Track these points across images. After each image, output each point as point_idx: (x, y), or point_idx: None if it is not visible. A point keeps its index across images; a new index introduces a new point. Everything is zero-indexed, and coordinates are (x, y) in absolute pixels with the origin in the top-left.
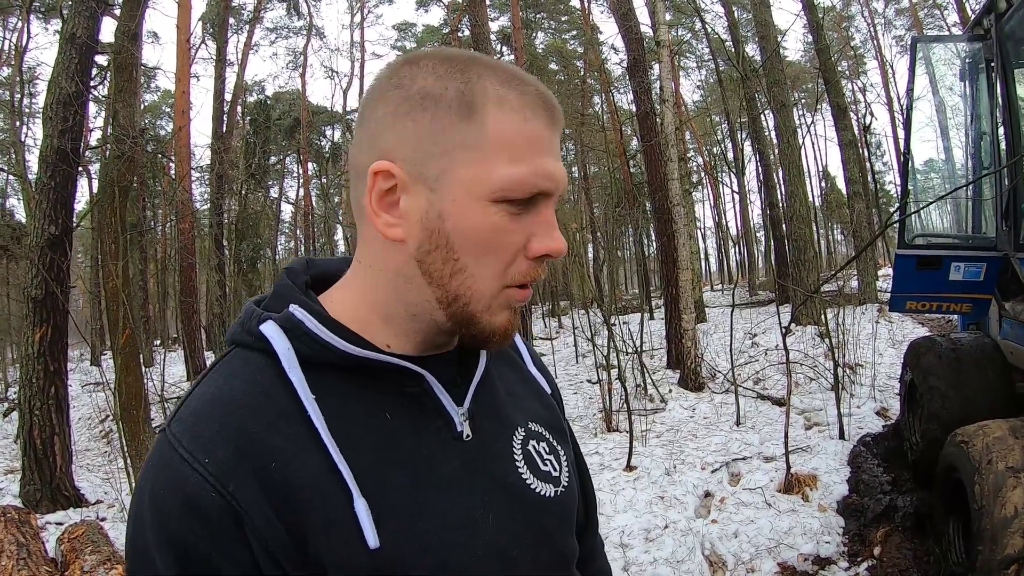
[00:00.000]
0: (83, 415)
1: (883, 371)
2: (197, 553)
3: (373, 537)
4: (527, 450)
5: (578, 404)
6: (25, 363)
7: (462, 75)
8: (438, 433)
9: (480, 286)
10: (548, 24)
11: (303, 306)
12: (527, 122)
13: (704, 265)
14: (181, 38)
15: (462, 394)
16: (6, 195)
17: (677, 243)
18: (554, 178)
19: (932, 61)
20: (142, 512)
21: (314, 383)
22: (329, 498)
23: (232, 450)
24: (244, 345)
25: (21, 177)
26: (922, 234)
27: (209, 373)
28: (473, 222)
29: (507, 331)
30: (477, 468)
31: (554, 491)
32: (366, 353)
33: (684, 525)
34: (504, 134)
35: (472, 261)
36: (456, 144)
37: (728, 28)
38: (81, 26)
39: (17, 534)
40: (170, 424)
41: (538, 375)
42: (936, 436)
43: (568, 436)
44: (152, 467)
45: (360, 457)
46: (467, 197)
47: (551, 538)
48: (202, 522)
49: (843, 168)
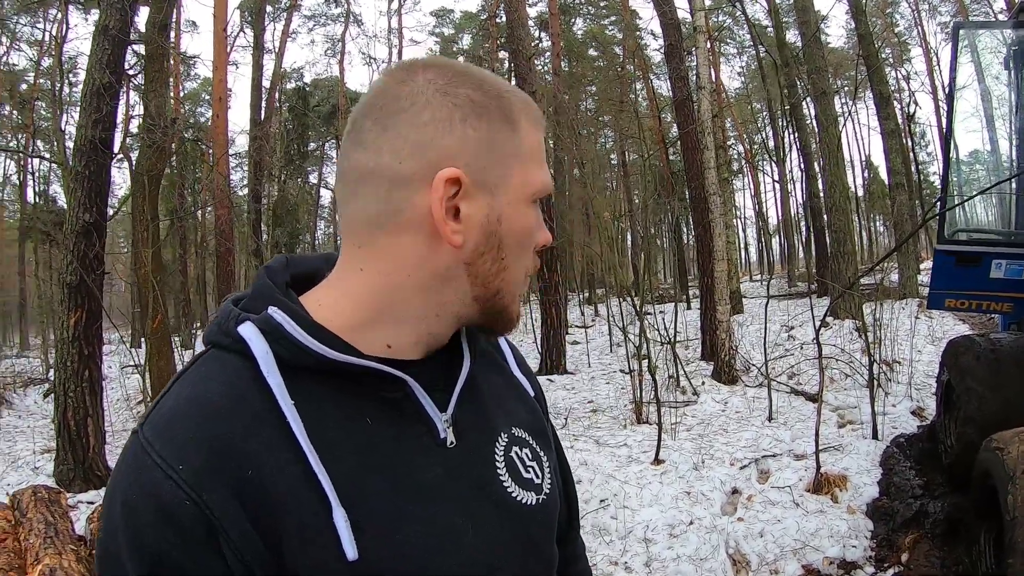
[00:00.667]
0: (121, 396)
1: (921, 369)
2: (170, 562)
3: (352, 549)
4: (509, 457)
5: (609, 394)
6: (60, 347)
7: (492, 88)
8: (420, 439)
9: (515, 279)
10: (586, 10)
11: (283, 307)
12: (538, 133)
13: (744, 255)
14: (218, 27)
15: (446, 399)
16: (49, 182)
17: (713, 232)
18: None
19: (977, 48)
20: (114, 518)
21: (293, 387)
22: (307, 507)
23: (207, 457)
24: (221, 346)
25: (62, 165)
26: (963, 229)
27: (185, 374)
28: (521, 223)
29: (520, 315)
30: (460, 475)
31: (536, 499)
32: (345, 358)
33: (709, 522)
34: (532, 144)
35: (513, 258)
36: (508, 152)
37: (768, 13)
38: (113, 18)
39: (46, 513)
40: (142, 426)
41: (522, 378)
42: (972, 440)
43: (551, 440)
44: (125, 472)
45: (340, 464)
46: (518, 201)
47: (533, 547)
48: (176, 531)
49: (885, 158)
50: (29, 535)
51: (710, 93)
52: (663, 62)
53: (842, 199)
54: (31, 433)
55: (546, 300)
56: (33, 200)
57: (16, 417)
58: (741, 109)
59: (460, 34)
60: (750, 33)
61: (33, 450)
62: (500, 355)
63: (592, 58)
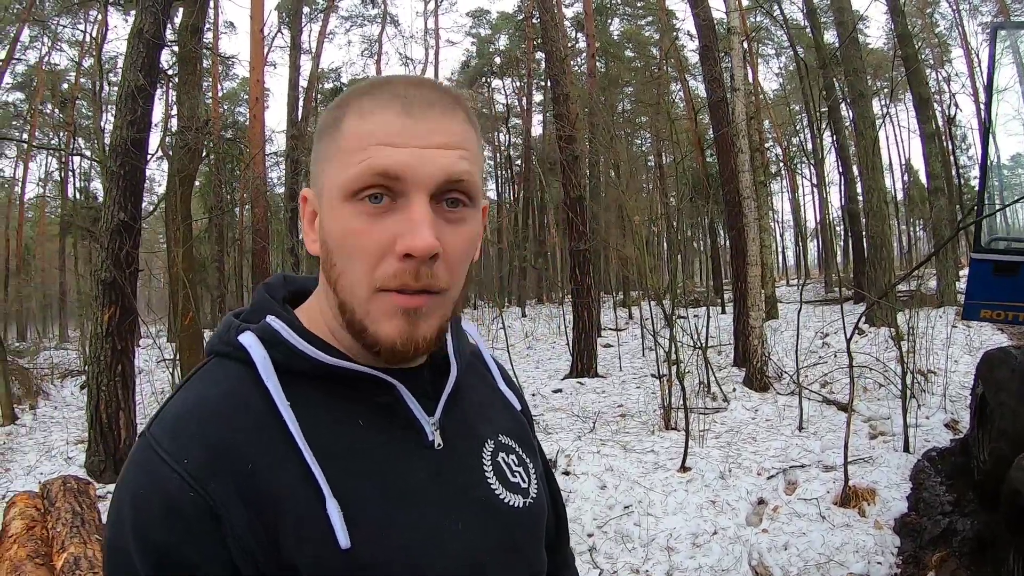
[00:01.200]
0: (155, 390)
1: (956, 380)
2: (176, 553)
3: (344, 537)
4: (496, 461)
5: (639, 399)
6: (94, 341)
7: (343, 100)
8: (409, 442)
9: (354, 290)
10: (623, 10)
11: (279, 317)
12: (367, 119)
13: (781, 259)
14: (255, 28)
15: (433, 405)
16: (90, 179)
17: (746, 237)
18: (398, 165)
19: (1018, 49)
20: (122, 512)
21: (289, 391)
22: (302, 500)
23: (210, 452)
24: (223, 355)
25: (102, 162)
26: (1001, 237)
27: (189, 381)
28: (333, 225)
29: (395, 342)
30: (447, 478)
31: (523, 502)
32: (337, 362)
33: (733, 532)
34: (350, 137)
35: (343, 264)
36: (326, 158)
37: (806, 13)
38: (147, 21)
39: (74, 503)
40: (150, 427)
41: (508, 393)
42: (1004, 455)
43: (537, 451)
44: (133, 468)
45: (333, 463)
46: (329, 203)
47: (520, 549)
48: (182, 521)
49: (925, 162)
50: (56, 524)
51: (745, 95)
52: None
53: (880, 203)
54: (66, 424)
55: (578, 303)
56: (74, 196)
57: (52, 408)
58: (779, 111)
59: (496, 35)
60: (787, 34)
61: (67, 440)
62: (486, 369)
63: (628, 59)
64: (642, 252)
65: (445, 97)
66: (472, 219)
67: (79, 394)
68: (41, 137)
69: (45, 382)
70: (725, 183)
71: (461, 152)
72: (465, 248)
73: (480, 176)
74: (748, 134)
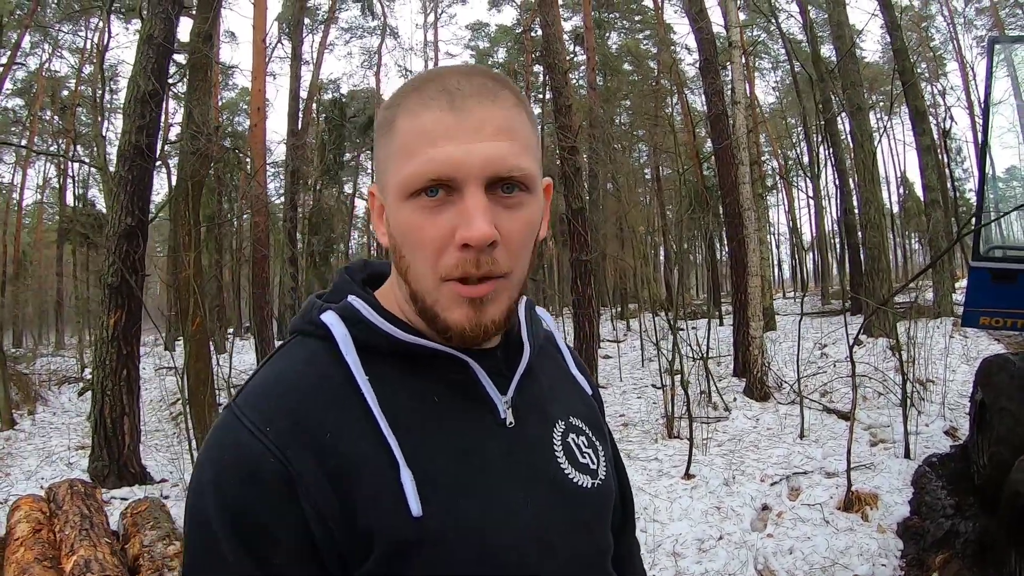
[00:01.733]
0: (155, 397)
1: (955, 388)
2: (253, 514)
3: (416, 506)
4: (567, 442)
5: (641, 408)
6: (99, 346)
7: (395, 98)
8: (482, 419)
9: (423, 281)
10: (621, 24)
11: (360, 297)
12: (418, 117)
13: (777, 272)
14: (257, 38)
15: (506, 384)
16: (88, 186)
17: (747, 248)
18: (451, 163)
19: (1014, 63)
20: (203, 476)
21: (368, 366)
22: (377, 469)
23: (291, 422)
24: (305, 333)
25: (102, 169)
26: (999, 246)
27: (272, 357)
28: (397, 221)
29: (465, 328)
30: (518, 455)
31: (591, 483)
32: (416, 340)
33: (739, 537)
34: (403, 136)
35: (411, 258)
36: (385, 156)
37: (804, 28)
38: (158, 27)
39: (82, 506)
40: (235, 400)
41: (580, 376)
42: (1004, 460)
43: (607, 435)
44: (217, 435)
45: (408, 436)
46: (393, 200)
47: (588, 529)
48: (260, 485)
49: (921, 174)
50: (64, 527)
51: (745, 108)
52: (698, 76)
53: (877, 216)
54: (66, 430)
55: (578, 314)
56: (72, 203)
57: (51, 414)
58: (776, 124)
59: (495, 47)
60: (785, 48)
61: (68, 446)
62: (559, 353)
63: (627, 72)
64: (646, 261)
65: (492, 84)
66: (530, 202)
67: (77, 400)
68: (40, 143)
69: (43, 388)
70: (725, 195)
71: (511, 141)
72: (525, 231)
73: (535, 157)
74: (748, 147)
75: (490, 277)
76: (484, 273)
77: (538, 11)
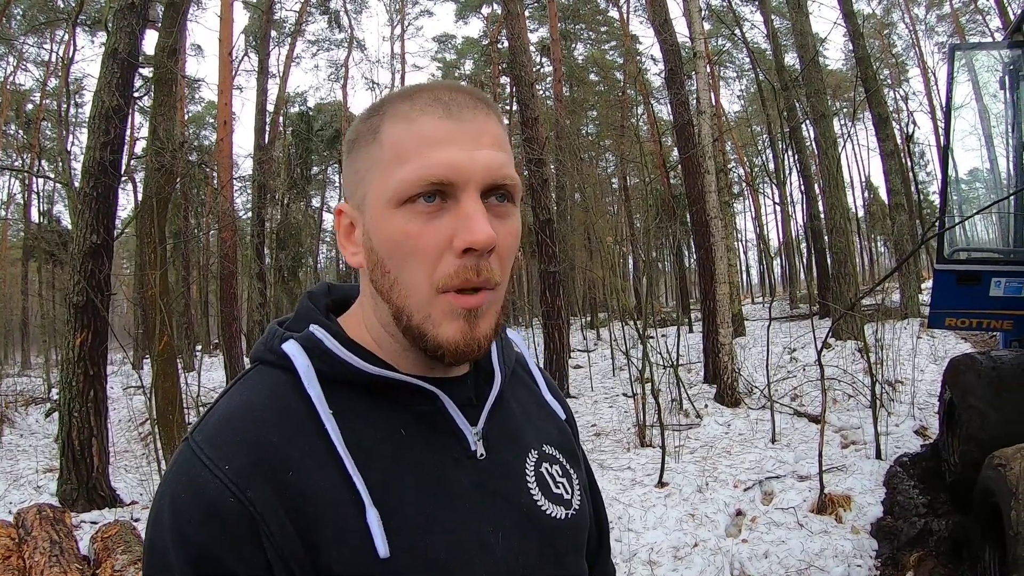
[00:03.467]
0: (123, 417)
1: (924, 388)
2: (214, 556)
3: (384, 547)
4: (540, 472)
5: (612, 418)
6: (66, 366)
7: (378, 109)
8: (451, 451)
9: (413, 295)
10: (587, 35)
11: (322, 326)
12: (413, 123)
13: (746, 278)
14: (223, 51)
15: (476, 414)
16: (54, 202)
17: (714, 256)
18: (452, 166)
19: (975, 68)
20: (162, 514)
21: (332, 399)
22: (342, 508)
23: (251, 459)
24: (267, 362)
25: (67, 185)
26: (963, 248)
27: (233, 388)
28: (385, 231)
29: (458, 343)
30: (489, 488)
31: (565, 513)
32: (381, 371)
33: (714, 544)
34: (393, 142)
35: (399, 271)
36: (368, 166)
37: (768, 37)
38: (123, 41)
39: (51, 531)
40: (193, 433)
41: (553, 401)
42: (974, 458)
43: (581, 461)
44: (174, 472)
45: (373, 472)
46: (377, 210)
47: (561, 561)
48: (220, 526)
49: (885, 178)
50: (34, 553)
51: (710, 117)
52: (663, 86)
53: (842, 220)
54: (33, 452)
55: (548, 324)
56: (37, 220)
57: (18, 436)
58: (741, 132)
59: (462, 60)
60: (749, 57)
61: (36, 469)
62: (531, 379)
63: (593, 83)
64: (614, 271)
65: (480, 101)
66: (516, 214)
67: (44, 422)
68: (4, 158)
69: (10, 409)
70: (692, 204)
71: (505, 152)
72: (513, 242)
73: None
74: (714, 155)
75: (483, 288)
76: (483, 280)
77: (504, 23)
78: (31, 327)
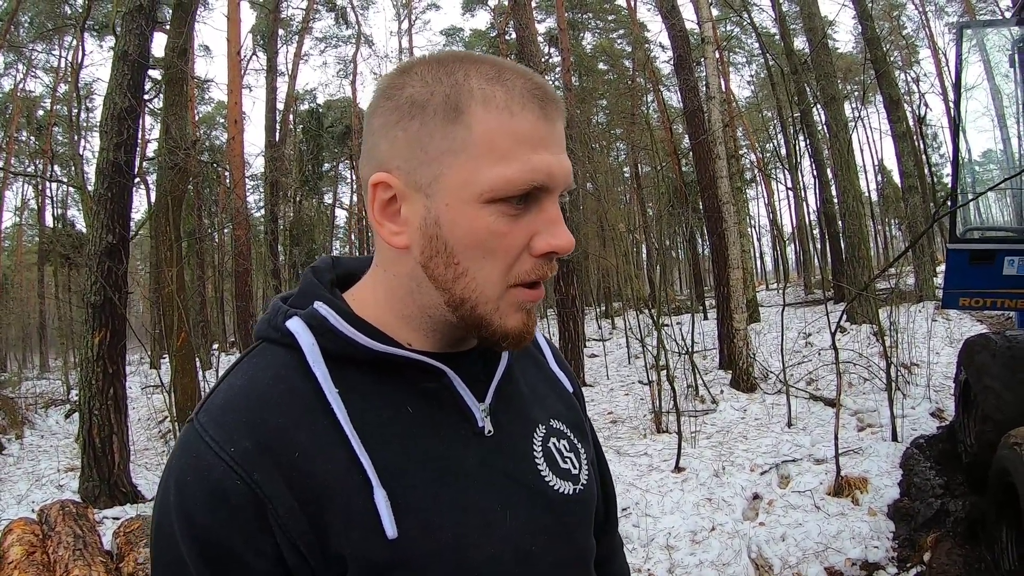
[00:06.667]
0: (142, 416)
1: (939, 371)
2: (221, 539)
3: (392, 527)
4: (547, 447)
5: (628, 405)
6: (85, 366)
7: (449, 78)
8: (458, 429)
9: (484, 289)
10: (595, 24)
11: (327, 303)
12: (514, 117)
13: (759, 264)
14: (232, 51)
15: (484, 390)
16: (67, 206)
17: (727, 242)
18: (550, 173)
19: (985, 47)
20: (168, 498)
21: (338, 378)
22: (350, 489)
23: (257, 441)
24: (271, 340)
25: (81, 188)
26: (976, 227)
27: (237, 366)
28: (468, 226)
29: (521, 333)
30: (497, 464)
31: (573, 489)
32: (387, 349)
33: (731, 527)
34: (490, 134)
35: (473, 264)
36: (444, 149)
37: (776, 21)
38: (132, 44)
39: (74, 527)
40: (198, 413)
41: (560, 374)
42: (990, 438)
43: (589, 435)
44: (179, 454)
45: (381, 451)
46: (459, 201)
47: (570, 536)
48: (226, 509)
49: (898, 161)
50: (58, 548)
51: (720, 103)
52: (673, 74)
53: (855, 204)
54: (54, 452)
55: (563, 314)
56: (52, 224)
57: (39, 437)
58: (752, 118)
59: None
60: (758, 42)
61: (57, 468)
62: (539, 351)
63: (602, 72)
64: (627, 259)
65: (559, 101)
66: None
67: (64, 423)
68: (17, 164)
69: (30, 411)
70: (704, 190)
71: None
72: None
73: None
74: (724, 141)
75: (542, 281)
76: (546, 277)
77: (512, 14)
78: (48, 330)
